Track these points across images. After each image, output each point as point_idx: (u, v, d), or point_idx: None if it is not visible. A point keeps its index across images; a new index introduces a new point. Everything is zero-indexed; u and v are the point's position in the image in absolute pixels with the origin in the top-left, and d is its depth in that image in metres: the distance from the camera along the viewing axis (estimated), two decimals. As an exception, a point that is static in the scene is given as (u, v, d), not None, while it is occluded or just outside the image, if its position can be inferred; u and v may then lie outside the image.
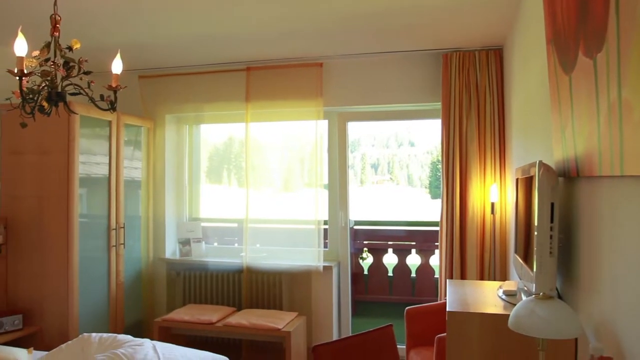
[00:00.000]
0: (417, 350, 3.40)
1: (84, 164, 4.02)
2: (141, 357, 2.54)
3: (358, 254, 5.75)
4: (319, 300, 4.53)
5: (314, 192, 4.52)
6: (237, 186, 5.23)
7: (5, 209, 4.00)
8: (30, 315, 3.90)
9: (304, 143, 4.70)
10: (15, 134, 3.95)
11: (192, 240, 4.90)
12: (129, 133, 4.57)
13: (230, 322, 4.01)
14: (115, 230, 4.31)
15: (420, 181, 8.06)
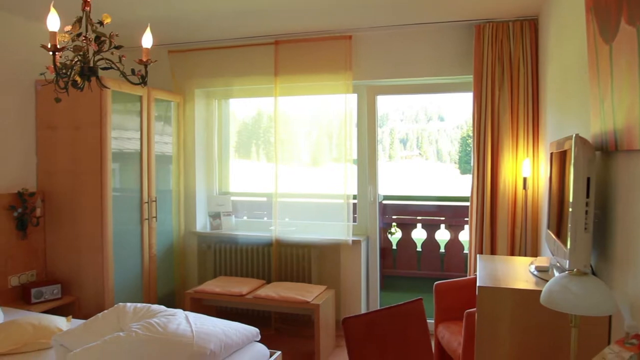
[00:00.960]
0: (446, 325, 3.40)
1: (116, 139, 4.08)
2: (174, 327, 2.60)
3: (387, 228, 5.75)
4: (348, 274, 4.56)
5: (343, 167, 4.51)
6: (266, 161, 5.25)
7: (42, 183, 4.11)
8: (68, 285, 4.04)
9: (332, 117, 4.68)
10: (50, 109, 4.03)
11: (222, 213, 4.97)
12: (159, 108, 4.61)
13: (260, 295, 4.07)
14: (148, 203, 4.39)
15: (449, 156, 7.96)
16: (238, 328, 2.94)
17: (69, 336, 2.70)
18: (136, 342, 2.45)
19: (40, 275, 4.10)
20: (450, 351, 3.16)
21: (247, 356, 2.85)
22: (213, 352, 2.60)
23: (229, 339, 2.77)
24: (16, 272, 3.91)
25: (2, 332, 2.85)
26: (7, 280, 3.84)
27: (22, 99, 4.00)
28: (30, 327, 2.91)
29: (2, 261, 3.78)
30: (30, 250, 4.02)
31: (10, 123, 3.91)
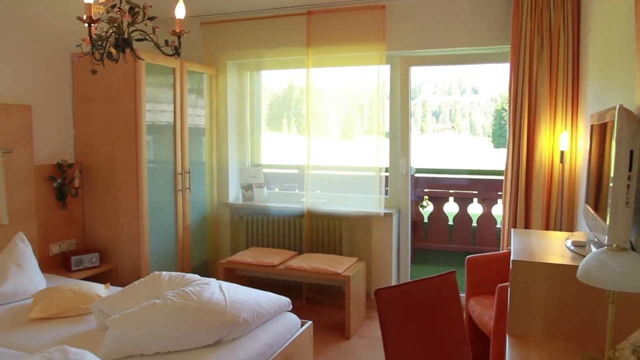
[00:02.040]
0: (477, 299, 3.39)
1: (150, 112, 4.13)
2: (208, 295, 2.66)
3: (418, 201, 5.72)
4: (379, 246, 4.57)
5: (375, 139, 4.47)
6: (297, 133, 5.25)
7: (79, 154, 4.21)
8: (105, 253, 4.16)
9: (364, 90, 4.63)
10: (86, 82, 4.10)
11: (254, 185, 5.01)
12: (192, 81, 4.64)
13: (292, 265, 4.12)
14: (181, 175, 4.45)
15: (482, 130, 7.80)
16: (270, 298, 2.99)
17: (108, 302, 2.79)
18: (171, 309, 2.51)
19: (80, 244, 4.23)
20: (481, 325, 3.15)
21: (278, 325, 2.91)
22: (246, 320, 2.65)
23: (261, 308, 2.82)
24: (57, 241, 4.04)
25: (45, 297, 2.97)
26: (49, 248, 3.98)
27: (59, 72, 4.07)
28: (71, 293, 3.02)
29: (43, 230, 3.91)
30: (70, 220, 4.14)
31: (49, 96, 3.99)
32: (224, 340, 2.59)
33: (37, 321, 2.89)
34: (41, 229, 3.88)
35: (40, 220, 3.87)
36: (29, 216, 3.74)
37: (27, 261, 3.35)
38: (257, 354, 2.60)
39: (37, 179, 3.84)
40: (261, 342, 2.68)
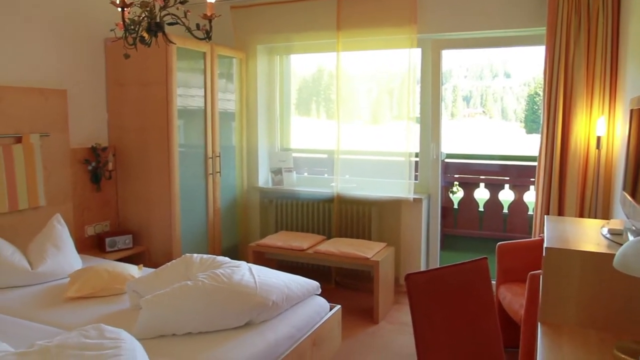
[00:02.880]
0: (508, 286, 3.35)
1: (181, 97, 4.17)
2: (238, 278, 2.69)
3: (448, 187, 5.66)
4: (408, 232, 4.55)
5: (405, 124, 4.43)
6: (326, 118, 5.24)
7: (113, 138, 4.29)
8: (138, 235, 4.25)
9: (394, 74, 4.58)
10: (118, 66, 4.16)
11: (284, 169, 5.03)
12: (222, 65, 4.66)
13: (320, 250, 4.14)
14: (212, 159, 4.50)
15: (515, 115, 7.63)
16: (299, 281, 3.01)
17: (141, 283, 2.85)
18: (202, 291, 2.55)
19: (114, 226, 4.33)
20: (511, 313, 3.12)
21: (307, 309, 2.93)
22: (275, 303, 2.68)
23: (290, 291, 2.84)
24: (92, 222, 4.14)
25: (81, 277, 3.05)
26: (84, 229, 4.08)
27: (93, 57, 4.14)
28: (105, 273, 3.10)
29: (79, 212, 4.01)
30: (104, 202, 4.23)
31: (83, 80, 4.06)
32: (254, 322, 2.62)
33: (74, 300, 2.98)
34: (77, 210, 3.98)
35: (76, 203, 3.97)
36: (65, 198, 3.84)
37: (63, 242, 3.45)
38: (287, 336, 2.63)
39: (73, 162, 3.93)
40: (290, 325, 2.71)
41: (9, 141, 3.44)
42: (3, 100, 3.38)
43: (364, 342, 3.66)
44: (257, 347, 2.43)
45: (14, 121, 3.46)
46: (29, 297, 3.04)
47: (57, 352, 1.92)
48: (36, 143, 3.55)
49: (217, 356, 2.31)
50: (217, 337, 2.47)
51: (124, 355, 1.95)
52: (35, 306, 2.91)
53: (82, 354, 1.92)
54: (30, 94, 3.55)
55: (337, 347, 3.18)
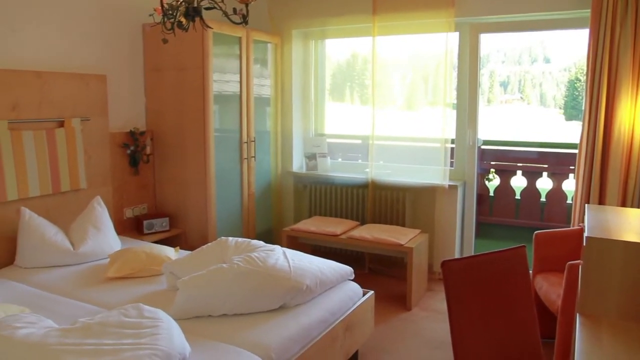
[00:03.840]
0: (544, 276, 3.29)
1: (216, 82, 4.20)
2: (273, 262, 2.72)
3: (484, 174, 5.57)
4: (442, 219, 4.51)
5: (440, 110, 4.37)
6: (360, 103, 5.21)
7: (150, 122, 4.36)
8: (175, 218, 4.33)
9: (430, 59, 4.51)
10: (156, 51, 4.21)
11: (318, 155, 5.04)
12: (257, 50, 4.66)
13: (354, 235, 4.14)
14: (247, 144, 4.54)
15: (554, 101, 7.42)
16: (333, 266, 3.02)
17: (178, 265, 2.91)
18: (237, 274, 2.59)
19: (151, 209, 4.42)
20: (548, 302, 3.07)
21: (341, 293, 2.94)
22: (309, 287, 2.70)
23: (324, 276, 2.86)
24: (130, 205, 4.24)
25: (120, 258, 3.14)
26: (123, 212, 4.18)
27: (131, 42, 4.20)
28: (143, 254, 3.17)
29: (118, 194, 4.10)
30: (142, 185, 4.32)
31: (122, 66, 4.13)
32: (288, 305, 2.65)
33: (113, 280, 3.06)
34: (116, 193, 4.08)
35: (115, 185, 4.07)
36: (105, 181, 3.93)
37: (103, 224, 3.54)
38: (320, 320, 2.65)
39: (112, 146, 4.02)
40: (324, 309, 2.72)
41: (52, 125, 3.54)
42: (46, 86, 3.47)
43: (396, 328, 3.66)
44: (290, 330, 2.46)
45: (56, 106, 3.55)
46: (71, 276, 3.14)
47: (98, 329, 1.98)
48: (77, 127, 3.64)
49: (251, 338, 2.35)
50: (251, 319, 2.51)
51: (162, 335, 2.00)
52: (77, 285, 3.01)
53: (121, 332, 1.98)
54: (72, 79, 3.64)
55: (369, 332, 3.19)
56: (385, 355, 3.28)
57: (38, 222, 3.28)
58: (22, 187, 3.30)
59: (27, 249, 3.22)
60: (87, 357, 1.81)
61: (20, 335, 1.90)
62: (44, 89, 3.46)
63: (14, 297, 2.78)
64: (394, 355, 3.28)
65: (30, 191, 3.37)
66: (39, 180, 3.41)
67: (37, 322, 2.06)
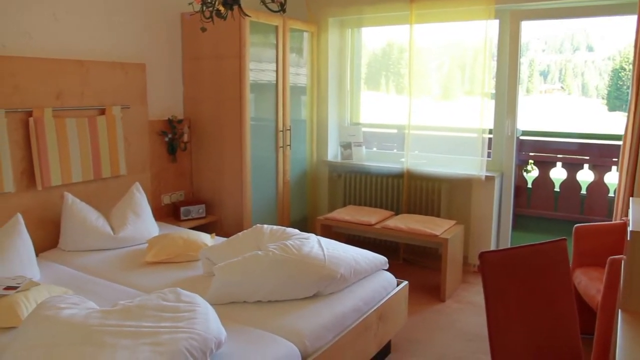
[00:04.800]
0: (584, 270, 3.22)
1: (253, 71, 4.22)
2: (307, 250, 2.73)
3: (522, 165, 5.45)
4: (478, 210, 4.44)
5: (479, 99, 4.29)
6: (395, 93, 5.16)
7: (188, 110, 4.42)
8: (211, 205, 4.39)
9: (470, 47, 4.42)
10: (194, 40, 4.26)
11: (353, 144, 5.02)
12: (293, 39, 4.66)
13: (388, 225, 4.12)
14: (282, 132, 4.56)
15: (596, 91, 7.19)
16: (367, 255, 3.02)
17: (214, 251, 2.96)
18: (272, 261, 2.61)
19: (188, 195, 4.49)
20: (587, 298, 3.00)
21: (375, 283, 2.94)
22: (343, 276, 2.71)
23: (358, 265, 2.86)
24: (168, 192, 4.32)
25: (158, 243, 3.21)
26: (161, 198, 4.27)
27: (170, 31, 4.25)
28: (181, 240, 3.23)
29: (156, 181, 4.18)
30: (179, 173, 4.40)
31: (161, 54, 4.20)
32: (322, 293, 2.66)
33: (151, 264, 3.13)
34: (154, 180, 4.16)
35: (154, 172, 4.15)
36: (144, 168, 4.01)
37: (142, 209, 3.62)
38: (353, 309, 2.65)
39: (151, 134, 4.10)
40: (358, 298, 2.73)
41: (94, 113, 3.62)
42: (89, 74, 3.55)
43: (430, 319, 3.64)
44: (324, 317, 2.47)
45: (98, 94, 3.63)
46: (111, 260, 3.23)
47: (137, 311, 2.03)
48: (117, 115, 3.72)
49: (285, 324, 2.37)
50: (286, 306, 2.53)
51: (199, 319, 2.03)
52: (117, 269, 3.09)
53: (160, 315, 2.02)
54: (112, 68, 3.71)
55: (402, 322, 3.18)
56: (418, 346, 3.27)
57: (80, 207, 3.38)
58: (65, 173, 3.40)
59: (70, 232, 3.33)
60: (127, 338, 1.86)
61: (64, 315, 1.97)
62: (86, 78, 3.54)
63: (58, 279, 2.88)
64: (426, 346, 3.27)
65: (73, 177, 3.46)
66: (81, 166, 3.50)
67: (79, 303, 2.13)
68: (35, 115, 3.23)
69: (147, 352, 1.80)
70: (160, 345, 1.84)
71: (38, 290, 2.46)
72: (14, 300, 2.32)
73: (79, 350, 1.79)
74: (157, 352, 1.80)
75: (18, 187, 3.20)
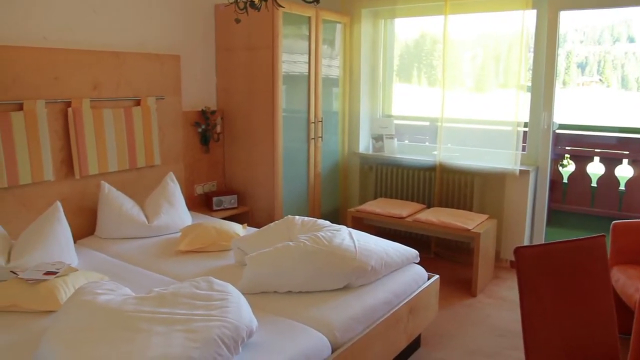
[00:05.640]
0: (622, 268, 3.13)
1: (285, 62, 4.23)
2: (339, 241, 2.73)
3: (558, 160, 5.34)
4: (512, 204, 4.37)
5: (514, 92, 4.21)
6: (427, 85, 5.10)
7: (221, 101, 4.46)
8: (243, 196, 4.43)
9: (506, 38, 4.33)
10: (227, 31, 4.28)
11: (385, 136, 4.99)
12: (325, 30, 4.65)
13: (420, 218, 4.09)
14: (314, 124, 4.56)
15: (637, 83, 6.96)
16: (398, 248, 3.00)
17: (246, 241, 2.99)
18: (304, 252, 2.62)
19: (220, 186, 4.54)
20: (624, 296, 2.92)
21: (405, 276, 2.92)
22: (374, 268, 2.70)
23: (389, 257, 2.85)
24: (201, 182, 4.38)
25: (191, 232, 3.25)
26: (194, 188, 4.33)
27: (204, 22, 4.29)
28: (213, 230, 3.27)
29: (189, 171, 4.24)
30: (212, 163, 4.45)
31: (195, 46, 4.24)
32: (352, 285, 2.66)
33: (184, 253, 3.18)
34: (187, 170, 4.22)
35: (187, 163, 4.21)
36: (177, 158, 4.07)
37: (176, 199, 3.68)
38: (384, 301, 2.65)
39: (185, 125, 4.15)
40: (388, 291, 2.72)
41: (129, 104, 3.69)
42: (125, 65, 3.61)
43: (460, 313, 3.60)
44: (355, 309, 2.48)
45: (133, 85, 3.69)
46: (146, 248, 3.29)
47: (171, 299, 2.07)
48: (152, 106, 3.78)
49: (316, 315, 2.38)
50: (316, 297, 2.54)
51: (231, 308, 2.06)
52: (151, 256, 3.15)
53: (193, 303, 2.06)
54: (148, 59, 3.77)
55: (433, 316, 3.16)
56: (448, 340, 3.24)
57: (116, 196, 3.45)
58: (102, 163, 3.48)
59: (106, 220, 3.41)
60: (161, 324, 1.90)
61: (101, 300, 2.02)
62: (122, 69, 3.61)
63: (94, 265, 2.96)
64: (457, 341, 3.24)
65: (110, 166, 3.54)
66: (117, 156, 3.57)
67: (115, 289, 2.18)
68: (73, 106, 3.30)
69: (181, 339, 1.83)
70: (194, 332, 1.87)
71: (76, 276, 2.53)
72: (53, 285, 2.40)
73: (115, 335, 1.83)
74: (190, 339, 1.83)
75: (57, 175, 3.29)
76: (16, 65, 3.03)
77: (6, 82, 2.99)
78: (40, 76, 3.15)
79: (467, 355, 3.07)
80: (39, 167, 3.14)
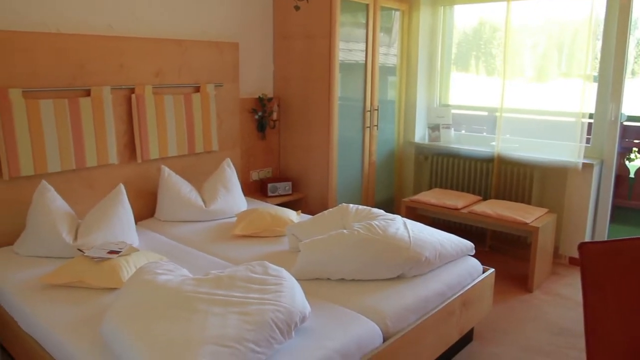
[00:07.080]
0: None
1: (342, 50, 4.21)
2: (393, 231, 2.72)
3: (625, 153, 5.09)
4: (573, 199, 4.21)
5: (580, 81, 4.03)
6: (485, 74, 4.95)
7: (277, 89, 4.50)
8: (297, 183, 4.47)
9: (573, 25, 4.15)
10: (285, 19, 4.31)
11: (442, 126, 4.90)
12: (383, 18, 4.59)
13: (475, 210, 4.01)
14: (370, 112, 4.53)
15: None
16: (453, 240, 2.95)
17: (300, 228, 3.01)
18: (357, 240, 2.62)
19: (275, 172, 4.60)
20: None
21: (460, 268, 2.87)
22: (428, 259, 2.67)
23: (443, 249, 2.80)
24: (256, 168, 4.45)
25: (246, 217, 3.32)
26: (249, 174, 4.40)
27: (262, 10, 4.33)
28: (268, 216, 3.32)
29: (245, 158, 4.32)
30: (268, 150, 4.51)
31: (253, 33, 4.29)
32: (406, 275, 2.65)
33: (239, 237, 3.25)
34: (244, 156, 4.29)
35: (243, 149, 4.28)
36: (234, 144, 4.15)
37: (232, 184, 3.75)
38: (438, 293, 2.61)
39: (242, 111, 4.22)
40: (442, 282, 2.68)
41: (189, 90, 3.78)
42: (186, 53, 3.70)
43: (515, 309, 3.52)
44: (407, 299, 2.46)
45: (193, 72, 3.78)
46: (202, 231, 3.38)
47: (228, 281, 2.12)
48: (211, 92, 3.86)
49: (368, 303, 2.38)
50: (369, 286, 2.54)
51: (285, 292, 2.09)
52: (207, 240, 3.24)
53: (248, 286, 2.10)
54: (208, 47, 3.85)
55: (487, 310, 3.10)
56: (502, 336, 3.18)
57: (175, 180, 3.56)
58: (162, 147, 3.59)
59: (165, 203, 3.52)
60: (217, 306, 1.95)
61: (160, 280, 2.09)
62: (183, 57, 3.70)
63: (154, 246, 3.07)
64: (511, 337, 3.17)
65: (169, 151, 3.65)
66: (177, 141, 3.68)
67: (174, 270, 2.25)
68: (137, 92, 3.42)
69: (236, 321, 1.87)
70: (248, 315, 1.91)
71: (137, 255, 2.63)
72: (116, 263, 2.50)
73: (174, 314, 1.90)
74: (245, 321, 1.87)
75: (121, 159, 3.43)
76: (84, 53, 3.16)
77: (75, 69, 3.13)
78: (106, 63, 3.28)
79: (521, 352, 3.00)
80: (104, 151, 3.28)
